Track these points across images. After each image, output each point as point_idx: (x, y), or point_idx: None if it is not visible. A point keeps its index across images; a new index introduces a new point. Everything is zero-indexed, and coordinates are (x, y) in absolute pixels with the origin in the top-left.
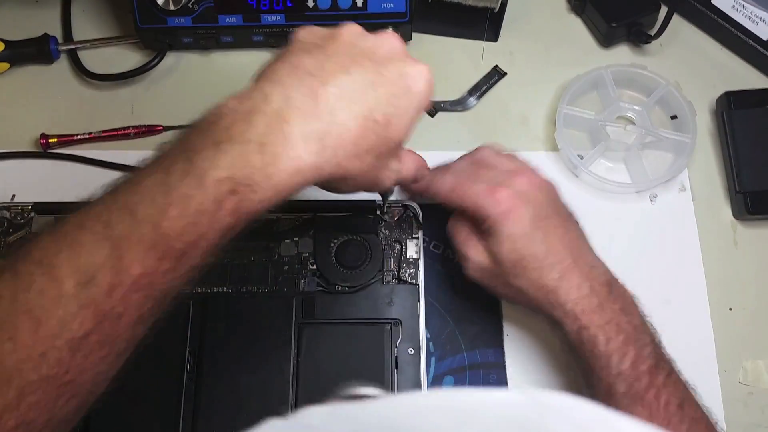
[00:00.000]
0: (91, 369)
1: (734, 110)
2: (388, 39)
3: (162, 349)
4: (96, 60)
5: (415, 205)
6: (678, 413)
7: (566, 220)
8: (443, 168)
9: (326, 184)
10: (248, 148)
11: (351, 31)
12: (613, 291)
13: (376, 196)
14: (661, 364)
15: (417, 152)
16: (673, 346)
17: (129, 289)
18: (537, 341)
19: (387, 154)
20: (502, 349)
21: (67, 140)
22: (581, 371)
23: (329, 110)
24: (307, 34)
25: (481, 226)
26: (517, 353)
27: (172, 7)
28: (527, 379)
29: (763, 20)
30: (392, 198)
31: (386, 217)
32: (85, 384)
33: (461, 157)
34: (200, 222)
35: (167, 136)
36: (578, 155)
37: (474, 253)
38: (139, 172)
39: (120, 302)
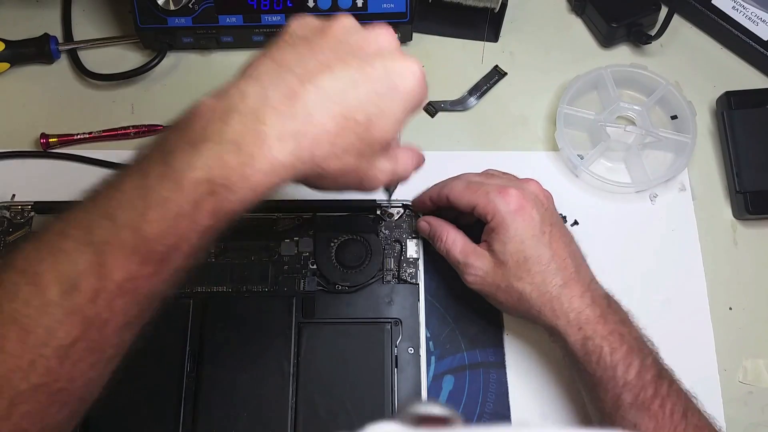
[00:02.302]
0: (81, 376)
1: (734, 110)
2: (380, 34)
3: (162, 349)
4: (96, 60)
5: None
6: (682, 422)
7: (568, 233)
8: (455, 176)
9: (308, 183)
10: (224, 148)
11: (343, 24)
12: (611, 304)
13: (377, 196)
14: (663, 374)
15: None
16: (673, 345)
17: (113, 295)
18: (537, 340)
19: (370, 153)
20: (502, 348)
21: (67, 140)
22: (584, 385)
23: (306, 110)
24: (299, 26)
25: (489, 223)
26: (517, 353)
27: (172, 7)
28: (527, 378)
29: (764, 20)
30: (393, 198)
31: (390, 213)
32: (77, 392)
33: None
34: (180, 224)
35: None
36: (578, 155)
37: (475, 258)
38: (118, 175)
39: (105, 308)
